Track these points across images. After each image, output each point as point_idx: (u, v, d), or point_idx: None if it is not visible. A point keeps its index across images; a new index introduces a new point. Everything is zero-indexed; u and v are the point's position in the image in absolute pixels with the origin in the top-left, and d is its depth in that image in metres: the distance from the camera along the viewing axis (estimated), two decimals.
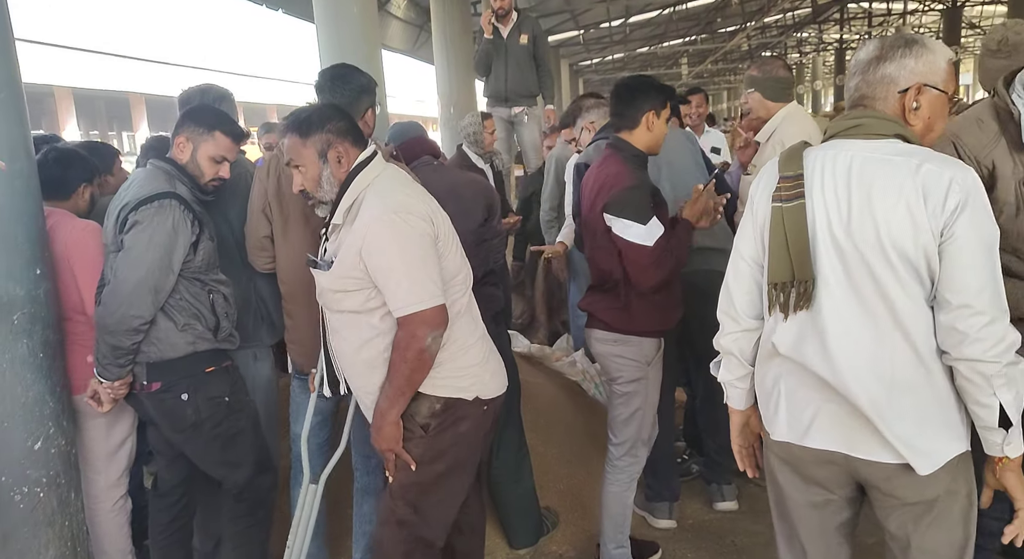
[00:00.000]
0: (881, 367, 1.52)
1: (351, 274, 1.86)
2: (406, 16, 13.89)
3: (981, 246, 1.45)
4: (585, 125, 3.27)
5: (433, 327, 1.85)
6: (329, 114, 1.95)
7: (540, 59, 5.57)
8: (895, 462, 1.54)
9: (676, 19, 20.12)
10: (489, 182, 2.84)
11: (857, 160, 1.53)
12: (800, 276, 1.57)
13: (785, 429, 1.66)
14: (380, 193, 1.89)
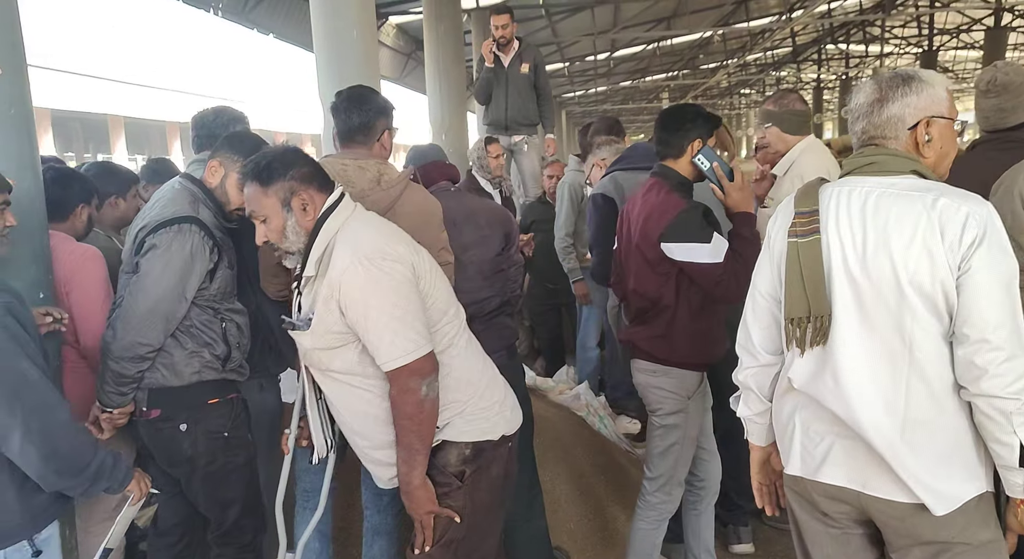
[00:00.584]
0: (896, 404, 1.51)
1: (334, 329, 1.76)
2: (395, 44, 13.94)
3: (999, 281, 1.45)
4: (596, 162, 3.27)
5: (424, 376, 1.76)
6: (291, 159, 1.84)
7: (541, 88, 5.57)
8: (909, 501, 1.52)
9: (660, 54, 20.47)
10: (507, 210, 2.78)
11: (872, 196, 1.55)
12: (816, 311, 1.57)
13: (799, 463, 1.66)
14: (351, 239, 1.78)
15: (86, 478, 1.75)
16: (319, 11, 4.63)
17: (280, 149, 1.91)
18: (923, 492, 1.50)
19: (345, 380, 1.84)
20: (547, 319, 5.10)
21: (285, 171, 1.80)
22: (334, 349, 1.79)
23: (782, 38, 19.83)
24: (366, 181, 2.24)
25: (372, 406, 1.84)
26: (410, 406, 1.76)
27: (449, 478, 1.88)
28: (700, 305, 2.39)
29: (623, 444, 3.84)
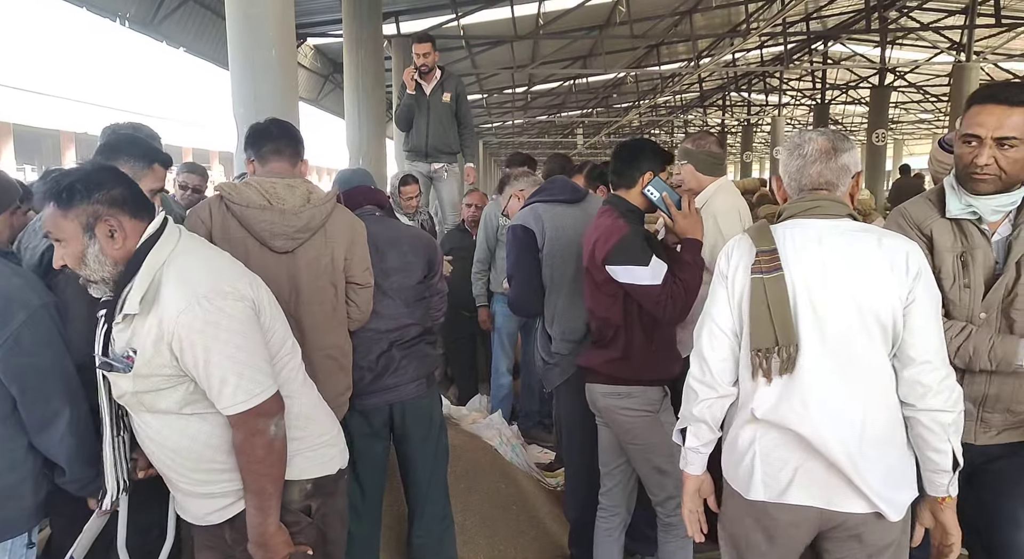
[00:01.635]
0: (856, 423, 1.67)
1: (161, 372, 1.63)
2: (312, 65, 13.76)
3: (935, 308, 1.68)
4: (514, 193, 3.30)
5: (271, 416, 1.68)
6: (99, 180, 1.64)
7: (462, 117, 5.60)
8: (867, 512, 1.69)
9: (575, 91, 21.04)
10: (432, 237, 2.76)
11: (825, 235, 1.72)
12: (784, 341, 1.68)
13: (761, 489, 1.75)
14: (182, 275, 1.64)
15: (96, 472, 1.84)
16: (236, 28, 4.51)
17: (90, 167, 1.70)
18: (880, 502, 1.67)
19: (172, 415, 1.70)
20: (461, 347, 5.08)
21: (89, 193, 1.62)
22: (160, 391, 1.66)
23: (690, 83, 20.79)
24: (297, 198, 2.20)
25: (202, 435, 1.71)
26: (260, 449, 1.66)
27: (297, 516, 1.80)
28: (652, 325, 2.46)
29: (535, 473, 3.84)
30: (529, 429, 4.60)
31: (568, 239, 2.85)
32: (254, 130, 2.35)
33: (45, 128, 21.52)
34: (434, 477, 2.69)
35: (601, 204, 2.59)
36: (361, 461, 2.57)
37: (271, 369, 1.71)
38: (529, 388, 4.69)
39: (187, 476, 1.76)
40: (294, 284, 2.22)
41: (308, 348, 2.22)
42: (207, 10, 10.10)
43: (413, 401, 2.58)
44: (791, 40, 16.74)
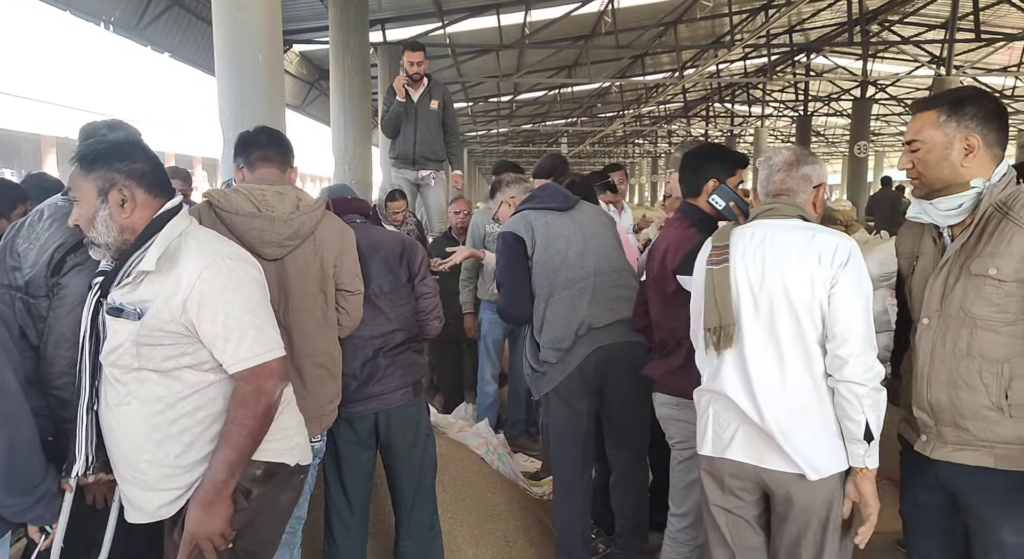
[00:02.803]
0: (784, 394, 1.94)
1: (166, 327, 1.67)
2: (297, 72, 13.72)
3: (858, 294, 1.90)
4: (505, 200, 3.28)
5: (281, 378, 1.74)
6: (124, 151, 1.74)
7: (449, 125, 5.61)
8: (792, 472, 1.94)
9: (560, 100, 21.13)
10: (415, 241, 2.75)
11: (769, 233, 2.01)
12: (725, 322, 1.99)
13: (711, 445, 2.08)
14: (203, 240, 1.75)
15: (30, 500, 1.74)
16: (223, 33, 4.49)
17: (123, 139, 1.81)
18: (801, 462, 1.92)
19: (149, 380, 1.69)
20: (447, 355, 5.06)
21: (111, 161, 1.70)
22: (160, 345, 1.68)
23: (674, 93, 20.96)
24: (286, 205, 2.19)
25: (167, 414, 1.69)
26: (262, 407, 1.69)
27: (235, 495, 1.75)
28: None
29: (521, 483, 3.82)
30: (515, 437, 4.58)
31: (558, 246, 2.85)
32: (243, 138, 2.34)
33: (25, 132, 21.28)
34: (421, 486, 2.67)
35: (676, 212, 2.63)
36: (347, 470, 2.55)
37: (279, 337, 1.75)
38: (515, 396, 4.67)
39: (151, 454, 1.71)
40: (283, 291, 2.20)
41: (298, 355, 2.20)
42: (193, 15, 10.04)
43: (399, 409, 2.57)
44: (774, 52, 16.92)
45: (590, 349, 2.78)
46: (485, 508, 3.29)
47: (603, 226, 3.02)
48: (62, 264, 1.90)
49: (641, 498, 3.01)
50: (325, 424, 2.31)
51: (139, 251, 1.68)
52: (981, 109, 1.82)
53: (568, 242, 2.86)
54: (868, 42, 14.78)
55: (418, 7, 11.22)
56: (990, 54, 16.39)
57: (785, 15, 10.99)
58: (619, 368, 2.84)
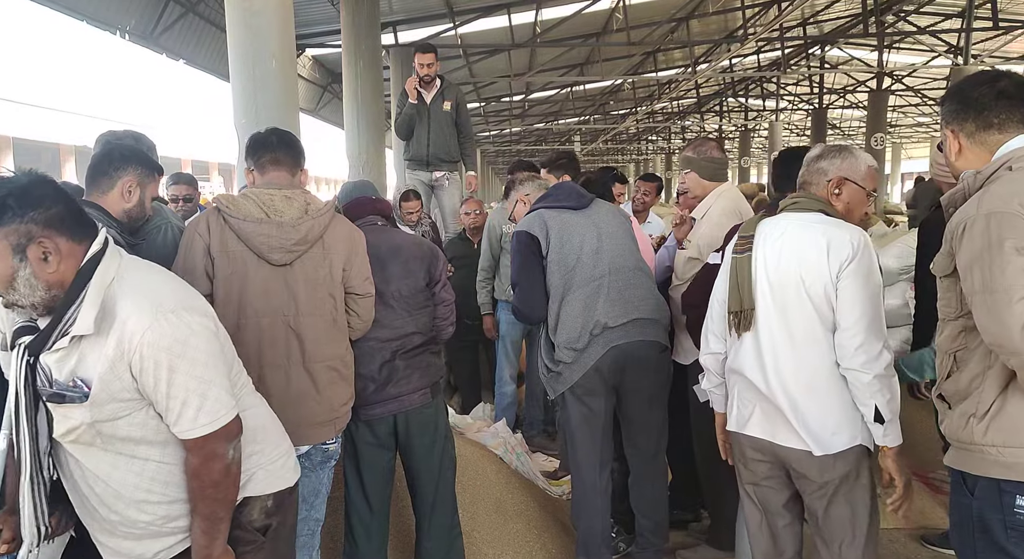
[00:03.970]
0: (797, 376, 2.09)
1: (121, 397, 1.51)
2: (311, 76, 13.82)
3: (866, 286, 2.02)
4: (520, 198, 3.27)
5: (232, 438, 1.61)
6: (34, 197, 1.47)
7: (462, 126, 5.61)
8: (803, 448, 2.10)
9: (572, 98, 21.11)
10: (437, 248, 2.76)
11: (790, 226, 2.16)
12: (746, 306, 2.16)
13: (734, 422, 2.27)
14: (140, 290, 1.53)
15: None
16: (237, 40, 4.53)
17: (26, 180, 1.50)
18: (809, 440, 2.07)
19: (130, 446, 1.58)
20: (464, 355, 5.07)
21: (24, 210, 1.45)
22: (119, 419, 1.53)
23: (687, 89, 20.84)
24: (295, 210, 2.20)
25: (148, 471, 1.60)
26: (217, 473, 1.58)
27: (253, 535, 1.73)
28: None
29: (540, 482, 3.82)
30: (533, 437, 4.58)
31: (573, 245, 2.84)
32: (253, 140, 2.35)
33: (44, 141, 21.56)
34: (441, 487, 2.67)
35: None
36: (367, 471, 2.56)
37: (232, 388, 1.64)
38: (533, 396, 4.67)
39: (146, 513, 1.62)
40: (293, 296, 2.21)
41: (309, 359, 2.21)
42: (206, 22, 10.14)
43: (418, 410, 2.57)
44: (788, 45, 16.80)
45: (605, 348, 2.77)
46: (504, 508, 3.29)
47: (619, 225, 3.00)
48: None
49: (660, 497, 3.00)
50: (339, 427, 2.32)
51: (72, 308, 1.48)
52: (951, 103, 1.75)
53: (583, 241, 2.86)
54: (883, 33, 14.63)
55: (429, 8, 11.26)
56: (1008, 42, 16.15)
57: (799, 7, 10.90)
58: (635, 367, 2.83)
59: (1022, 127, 1.66)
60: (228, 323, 2.16)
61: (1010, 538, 1.63)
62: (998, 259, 1.51)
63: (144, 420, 1.56)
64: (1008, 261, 1.50)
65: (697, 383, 3.06)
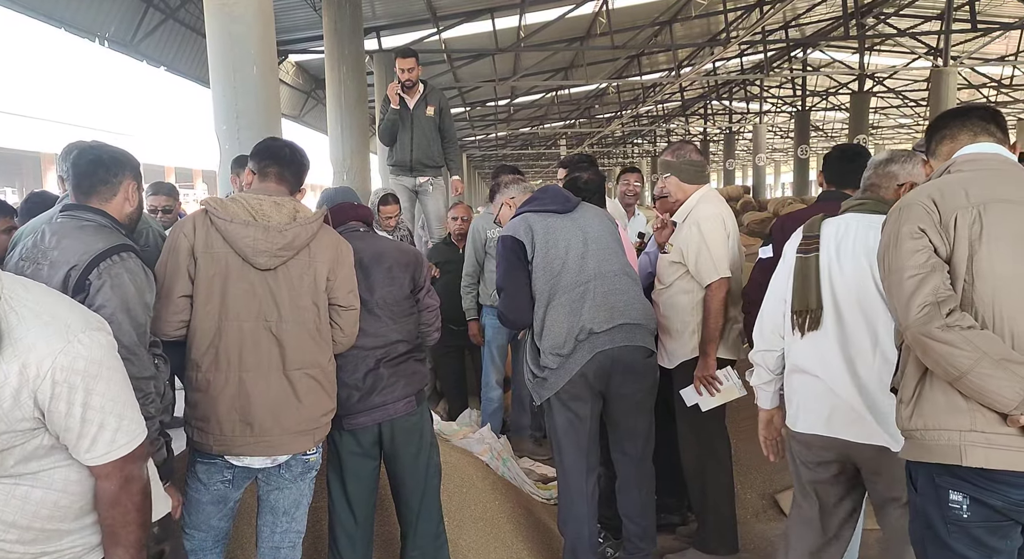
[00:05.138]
0: (868, 374, 2.13)
1: (18, 426, 1.39)
2: (294, 82, 13.76)
3: None
4: (505, 201, 3.25)
5: (145, 458, 1.54)
6: None
7: (446, 131, 5.60)
8: (877, 444, 2.13)
9: (558, 103, 21.14)
10: (421, 254, 2.74)
11: (859, 227, 2.21)
12: (812, 306, 2.20)
13: (798, 421, 2.29)
14: (39, 313, 1.40)
15: None
16: (216, 45, 4.50)
17: None
18: (888, 438, 2.08)
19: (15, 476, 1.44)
20: (449, 361, 5.04)
21: None
22: (12, 448, 1.41)
23: (672, 92, 20.95)
24: (283, 216, 2.19)
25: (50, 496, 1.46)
26: (138, 496, 1.49)
27: None
28: None
29: (527, 487, 3.80)
30: (520, 442, 4.56)
31: (558, 250, 2.83)
32: (267, 147, 2.33)
33: (25, 150, 21.36)
34: (426, 495, 2.65)
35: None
36: (351, 481, 2.54)
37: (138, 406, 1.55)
38: (519, 401, 4.65)
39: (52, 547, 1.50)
40: (276, 302, 2.19)
41: (289, 367, 2.19)
42: (187, 28, 10.08)
43: (403, 419, 2.55)
44: (771, 48, 16.92)
45: (591, 354, 2.76)
46: (490, 515, 3.27)
47: (605, 228, 2.98)
48: (84, 284, 1.87)
49: (648, 502, 2.99)
50: (318, 437, 2.29)
51: None
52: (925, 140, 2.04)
53: (568, 246, 2.84)
54: (864, 35, 14.77)
55: (412, 14, 11.24)
56: (987, 44, 16.35)
57: (780, 11, 10.99)
58: (621, 372, 2.82)
59: (972, 139, 1.85)
60: (209, 325, 2.16)
61: (950, 533, 1.70)
62: (896, 244, 1.75)
63: (33, 451, 1.44)
64: (903, 244, 1.73)
65: (683, 387, 3.08)
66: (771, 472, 3.91)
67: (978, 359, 1.60)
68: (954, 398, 1.68)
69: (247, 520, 2.69)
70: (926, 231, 1.70)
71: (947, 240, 1.69)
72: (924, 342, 1.66)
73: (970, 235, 1.67)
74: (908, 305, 1.67)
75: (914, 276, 1.67)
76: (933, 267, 1.68)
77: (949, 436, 1.68)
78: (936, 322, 1.63)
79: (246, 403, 2.14)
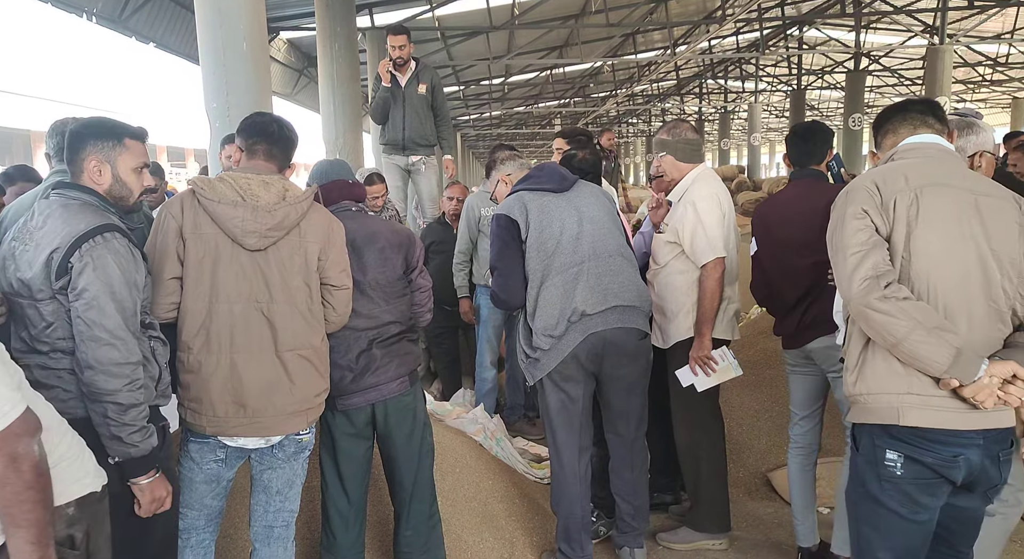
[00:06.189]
0: None
1: None
2: (286, 60, 13.59)
3: None
4: (501, 178, 3.21)
5: (33, 432, 1.46)
6: None
7: (438, 109, 5.54)
8: None
9: (552, 81, 20.98)
10: (414, 234, 2.70)
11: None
12: None
13: None
14: None
15: None
16: (205, 21, 4.42)
17: None
18: None
19: None
20: (443, 341, 5.03)
21: None
22: None
23: (667, 71, 20.80)
24: (272, 195, 2.15)
25: None
26: (29, 473, 1.42)
27: (61, 551, 1.55)
28: None
29: (521, 467, 3.81)
30: (514, 422, 4.57)
31: (553, 230, 2.80)
32: (255, 122, 2.28)
33: (16, 128, 21.13)
34: (420, 475, 2.65)
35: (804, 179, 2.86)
36: (344, 462, 2.53)
37: (11, 380, 1.47)
38: (513, 381, 4.66)
39: None
40: (266, 283, 2.16)
41: (281, 348, 2.17)
42: (176, 4, 9.93)
43: (396, 399, 2.54)
44: (766, 26, 16.78)
45: (582, 336, 2.75)
46: (484, 495, 3.28)
47: (601, 208, 2.95)
48: (67, 267, 1.83)
49: (640, 481, 3.00)
50: (311, 418, 2.28)
51: None
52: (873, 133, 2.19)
53: (563, 225, 2.82)
54: (860, 13, 14.66)
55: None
56: (984, 22, 16.25)
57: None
58: (614, 354, 2.81)
59: (912, 131, 2.00)
60: (199, 307, 2.13)
61: (884, 490, 1.87)
62: (842, 224, 1.87)
63: None
64: (847, 224, 1.86)
65: (678, 367, 3.08)
66: (763, 451, 3.93)
67: (912, 327, 1.75)
68: (893, 364, 1.83)
69: (241, 499, 2.69)
70: (868, 212, 1.86)
71: (887, 220, 1.85)
72: (864, 313, 1.81)
73: (908, 216, 1.83)
74: (851, 279, 1.82)
75: (856, 253, 1.82)
76: (874, 244, 1.83)
77: (888, 399, 1.84)
78: (875, 294, 1.78)
79: (238, 385, 2.12)
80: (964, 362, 1.73)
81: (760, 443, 3.98)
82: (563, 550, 2.90)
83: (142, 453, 1.89)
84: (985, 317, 1.82)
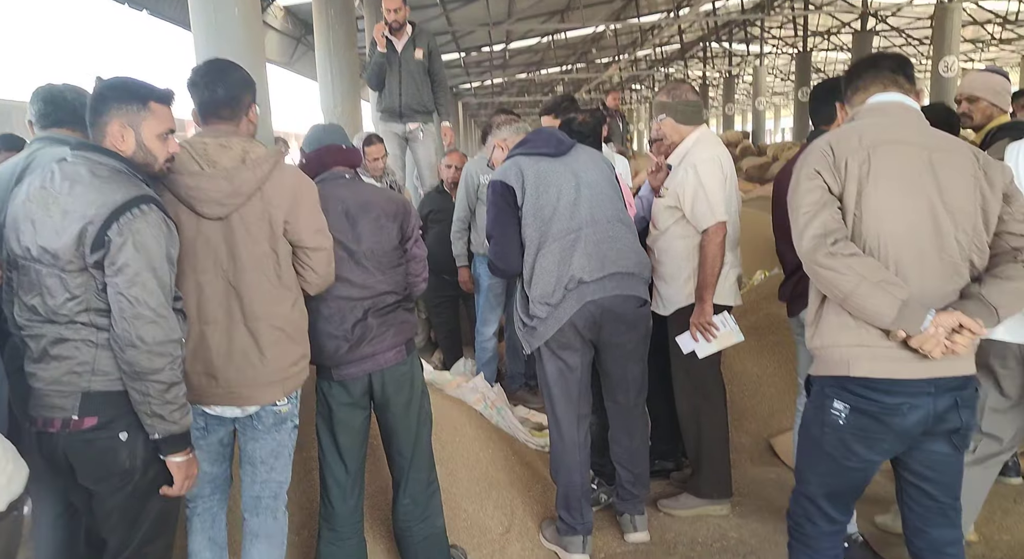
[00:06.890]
0: None
1: None
2: (283, 27, 13.41)
3: None
4: (497, 143, 3.14)
5: None
6: None
7: (435, 74, 5.43)
8: None
9: (555, 47, 20.68)
10: (409, 202, 2.64)
11: None
12: None
13: None
14: None
15: None
16: None
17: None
18: None
19: None
20: (443, 311, 5.00)
21: None
22: None
23: (670, 35, 20.47)
24: (229, 160, 2.06)
25: None
26: None
27: None
28: None
29: (521, 435, 3.80)
30: (515, 390, 4.55)
31: (549, 196, 2.74)
32: (190, 81, 2.14)
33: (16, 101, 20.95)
34: (418, 444, 2.63)
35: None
36: (342, 432, 2.51)
37: None
38: (513, 349, 4.63)
39: None
40: (232, 251, 2.09)
41: (250, 318, 2.11)
42: None
43: (393, 368, 2.50)
44: None
45: (580, 303, 2.70)
46: (483, 463, 3.27)
47: (599, 173, 2.88)
48: (103, 241, 1.77)
49: (640, 449, 2.98)
50: (289, 387, 2.22)
51: None
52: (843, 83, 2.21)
53: (560, 191, 2.75)
54: None
55: None
56: None
57: None
58: (612, 322, 2.77)
59: (882, 89, 2.02)
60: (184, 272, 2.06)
61: (824, 434, 1.98)
62: (796, 184, 1.94)
63: None
64: (800, 185, 1.93)
65: (679, 334, 3.04)
66: (766, 416, 3.91)
67: (858, 282, 1.82)
68: (844, 318, 1.91)
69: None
70: (821, 172, 1.91)
71: (839, 179, 1.90)
72: (814, 269, 1.89)
73: (859, 174, 1.88)
74: (801, 237, 1.90)
75: (807, 213, 1.89)
76: (824, 203, 1.90)
77: (840, 351, 1.92)
78: (822, 251, 1.85)
79: (207, 356, 2.08)
80: (909, 314, 1.81)
81: (762, 408, 3.96)
82: (563, 518, 2.89)
83: (182, 430, 1.88)
84: (938, 270, 1.88)
